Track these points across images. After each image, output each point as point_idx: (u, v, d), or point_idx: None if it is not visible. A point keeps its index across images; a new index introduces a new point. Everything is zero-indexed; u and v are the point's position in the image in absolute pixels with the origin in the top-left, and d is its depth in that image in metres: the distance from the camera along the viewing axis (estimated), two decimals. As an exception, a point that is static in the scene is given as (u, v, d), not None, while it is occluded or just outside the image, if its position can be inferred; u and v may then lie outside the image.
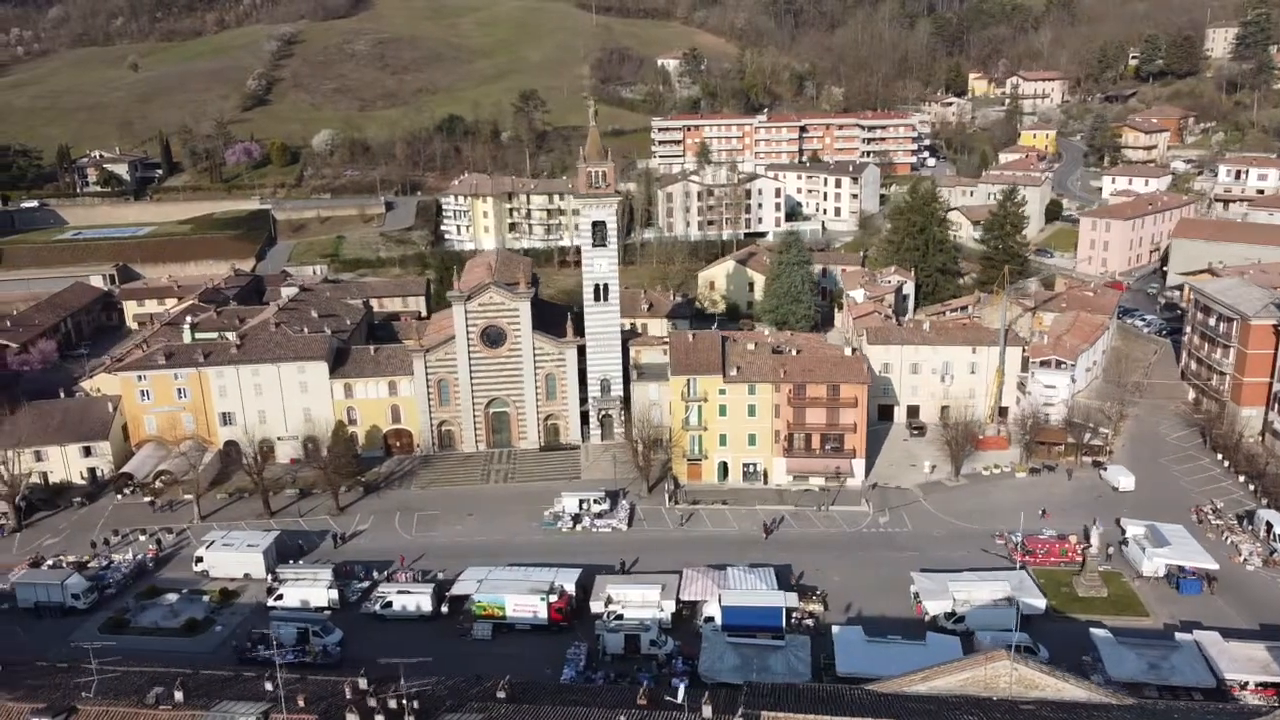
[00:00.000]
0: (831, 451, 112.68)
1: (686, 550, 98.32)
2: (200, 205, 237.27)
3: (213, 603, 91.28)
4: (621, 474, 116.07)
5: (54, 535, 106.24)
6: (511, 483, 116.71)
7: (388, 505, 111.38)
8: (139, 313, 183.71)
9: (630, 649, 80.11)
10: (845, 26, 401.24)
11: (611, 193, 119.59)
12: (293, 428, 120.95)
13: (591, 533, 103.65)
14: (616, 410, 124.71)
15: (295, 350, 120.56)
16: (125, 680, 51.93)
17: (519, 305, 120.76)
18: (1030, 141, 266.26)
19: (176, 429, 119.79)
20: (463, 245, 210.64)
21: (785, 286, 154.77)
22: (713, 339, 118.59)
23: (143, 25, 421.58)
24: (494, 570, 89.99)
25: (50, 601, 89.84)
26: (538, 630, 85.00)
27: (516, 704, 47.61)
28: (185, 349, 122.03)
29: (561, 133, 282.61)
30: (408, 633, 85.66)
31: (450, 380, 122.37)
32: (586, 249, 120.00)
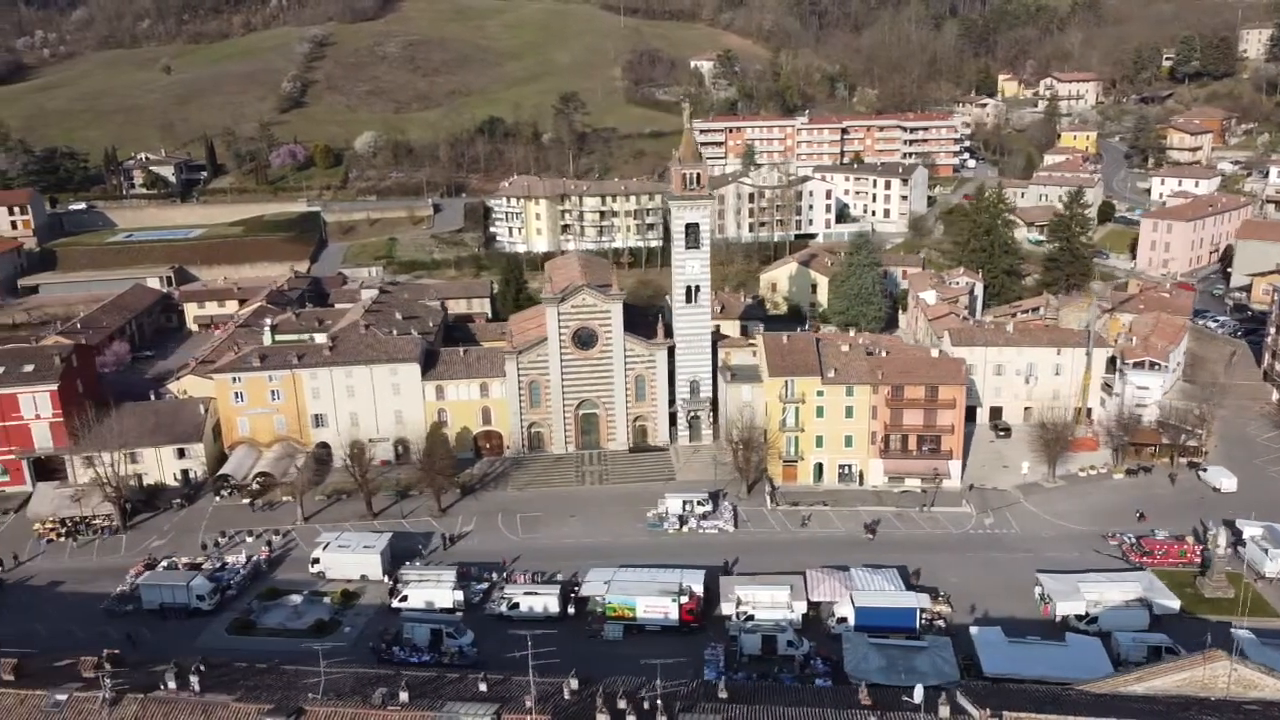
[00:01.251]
0: (929, 453, 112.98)
1: (794, 551, 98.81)
2: (247, 207, 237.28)
3: (334, 604, 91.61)
4: (716, 475, 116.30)
5: (160, 537, 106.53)
6: (607, 484, 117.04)
7: (487, 507, 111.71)
8: (199, 315, 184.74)
9: (767, 650, 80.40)
10: (872, 28, 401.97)
11: (706, 194, 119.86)
12: (384, 429, 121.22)
13: (698, 534, 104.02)
14: (705, 412, 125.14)
15: (388, 352, 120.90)
16: (341, 681, 52.23)
17: (611, 307, 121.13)
18: (1070, 143, 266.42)
19: (269, 431, 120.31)
20: (514, 247, 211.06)
21: (856, 288, 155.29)
22: (806, 340, 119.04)
23: (169, 27, 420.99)
24: (619, 572, 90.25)
25: (175, 603, 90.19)
26: (667, 631, 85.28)
27: (744, 704, 47.92)
28: (279, 351, 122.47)
29: (600, 134, 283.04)
30: (537, 634, 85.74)
31: (542, 382, 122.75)
32: (678, 251, 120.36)
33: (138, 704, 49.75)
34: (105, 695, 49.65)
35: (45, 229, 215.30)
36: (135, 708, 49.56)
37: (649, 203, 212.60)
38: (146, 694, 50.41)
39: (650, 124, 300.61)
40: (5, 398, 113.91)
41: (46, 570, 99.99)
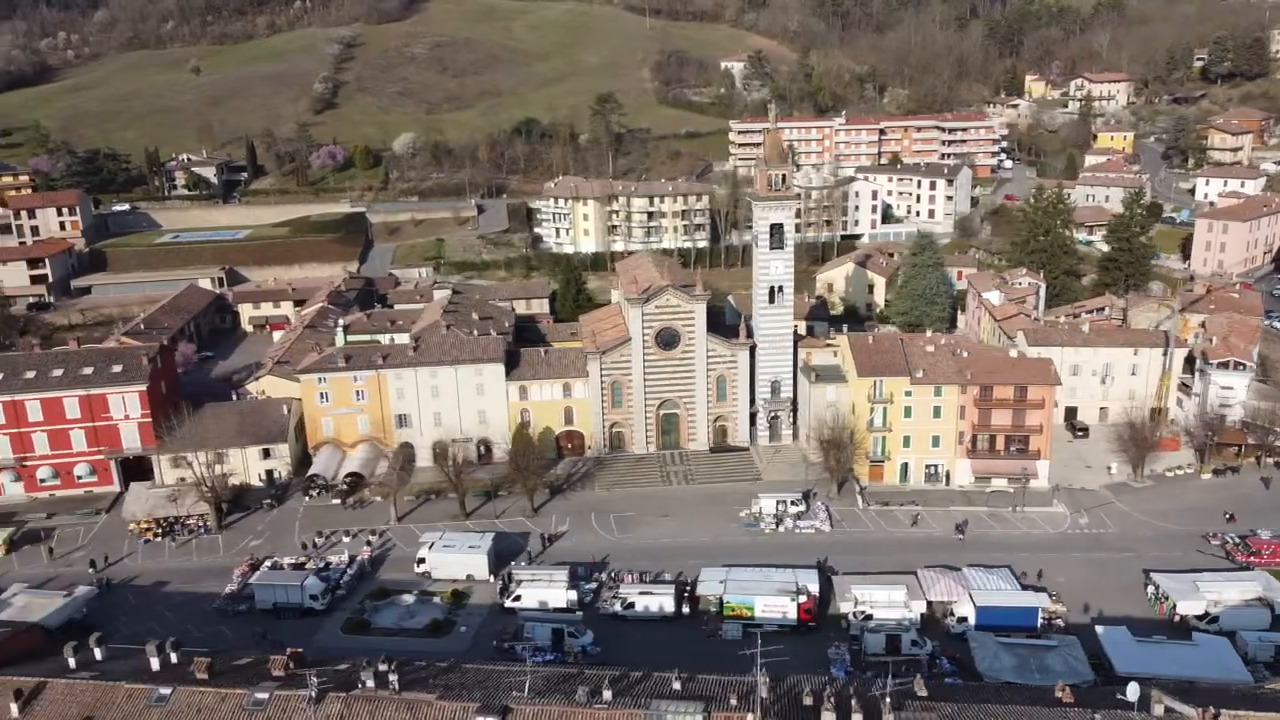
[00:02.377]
0: (1017, 453, 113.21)
1: (892, 551, 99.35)
2: (290, 208, 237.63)
3: (445, 603, 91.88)
4: (801, 475, 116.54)
5: (255, 537, 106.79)
6: (693, 484, 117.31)
7: (577, 507, 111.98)
8: (255, 315, 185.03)
9: (891, 649, 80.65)
10: (898, 29, 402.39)
11: (791, 195, 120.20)
12: (467, 430, 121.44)
13: (794, 534, 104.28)
14: (786, 412, 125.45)
15: (472, 352, 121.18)
16: (541, 680, 52.40)
17: (695, 308, 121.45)
18: (1107, 143, 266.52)
19: (353, 431, 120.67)
20: (562, 248, 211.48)
21: (920, 288, 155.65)
22: (891, 340, 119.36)
23: (194, 29, 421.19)
24: (731, 571, 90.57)
25: (289, 602, 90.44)
26: (784, 630, 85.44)
27: (949, 702, 48.20)
28: (363, 351, 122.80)
29: (635, 135, 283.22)
30: (652, 633, 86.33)
31: (624, 382, 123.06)
32: (761, 251, 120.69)
33: (341, 702, 50.01)
34: (311, 694, 49.91)
35: (92, 230, 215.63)
36: (339, 706, 49.81)
37: (696, 203, 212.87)
38: (348, 692, 50.71)
39: (684, 125, 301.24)
40: (96, 398, 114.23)
41: (150, 570, 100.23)
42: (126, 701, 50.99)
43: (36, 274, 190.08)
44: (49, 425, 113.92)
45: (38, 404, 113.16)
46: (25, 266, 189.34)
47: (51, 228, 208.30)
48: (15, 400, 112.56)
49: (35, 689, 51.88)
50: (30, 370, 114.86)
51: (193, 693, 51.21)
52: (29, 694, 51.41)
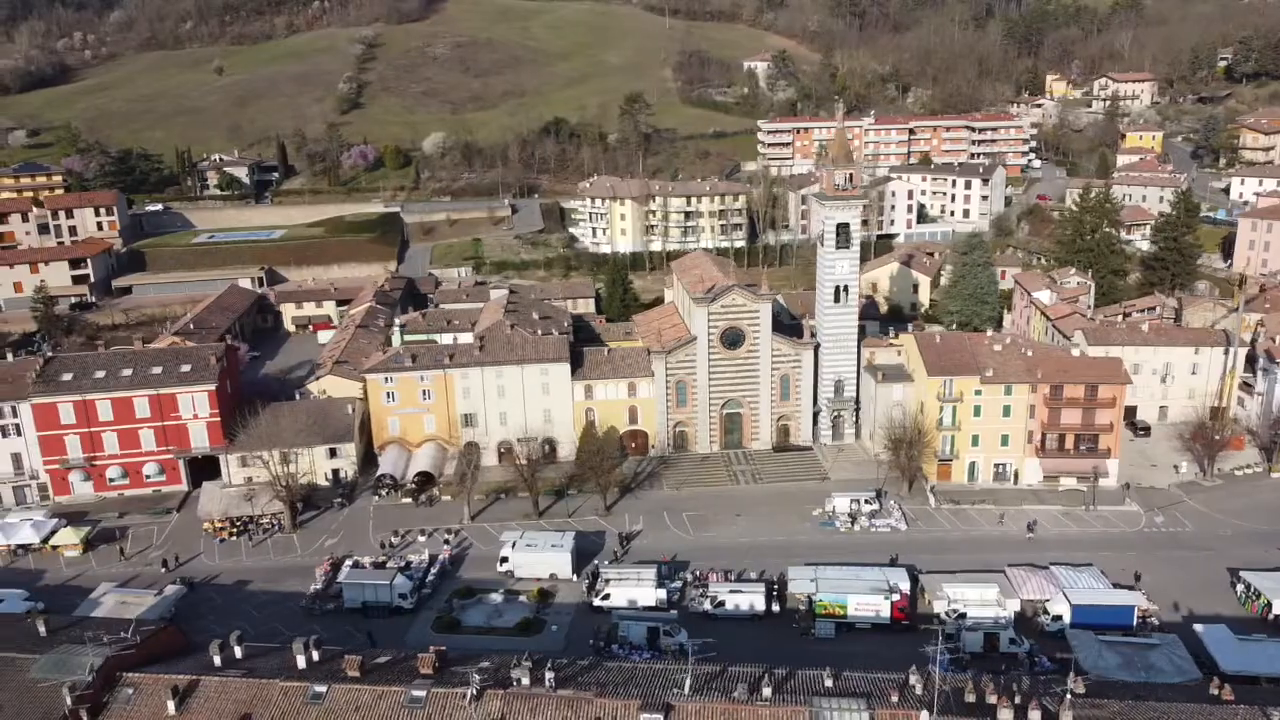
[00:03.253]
0: (1086, 452, 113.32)
1: (969, 549, 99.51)
2: (323, 208, 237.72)
3: (532, 602, 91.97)
4: (867, 474, 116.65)
5: (330, 536, 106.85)
6: (761, 484, 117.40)
7: (648, 506, 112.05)
8: (297, 315, 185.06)
9: (988, 647, 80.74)
10: (916, 29, 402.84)
11: (858, 195, 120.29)
12: (532, 429, 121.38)
13: (870, 532, 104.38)
14: (849, 411, 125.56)
15: (538, 352, 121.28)
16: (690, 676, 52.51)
17: (760, 307, 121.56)
18: (1136, 143, 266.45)
19: (419, 431, 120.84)
20: (598, 248, 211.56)
21: (971, 287, 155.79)
22: (959, 339, 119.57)
23: (213, 29, 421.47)
24: (820, 570, 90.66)
25: (378, 601, 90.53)
26: (877, 629, 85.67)
27: (1112, 699, 48.39)
28: (429, 351, 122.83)
29: (663, 135, 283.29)
30: (743, 631, 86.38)
31: (689, 382, 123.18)
32: (827, 251, 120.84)
33: (500, 699, 50.10)
34: (473, 691, 49.98)
35: (128, 230, 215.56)
36: (499, 703, 49.90)
37: (734, 203, 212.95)
38: (505, 690, 50.80)
39: (709, 125, 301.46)
40: (165, 398, 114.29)
41: (229, 569, 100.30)
42: (282, 699, 51.09)
43: (78, 274, 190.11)
44: (119, 425, 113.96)
45: (108, 404, 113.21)
46: (67, 267, 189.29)
47: (89, 228, 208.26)
48: (86, 400, 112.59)
49: (188, 687, 51.98)
50: (100, 370, 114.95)
51: (348, 690, 51.28)
52: (183, 691, 51.49)
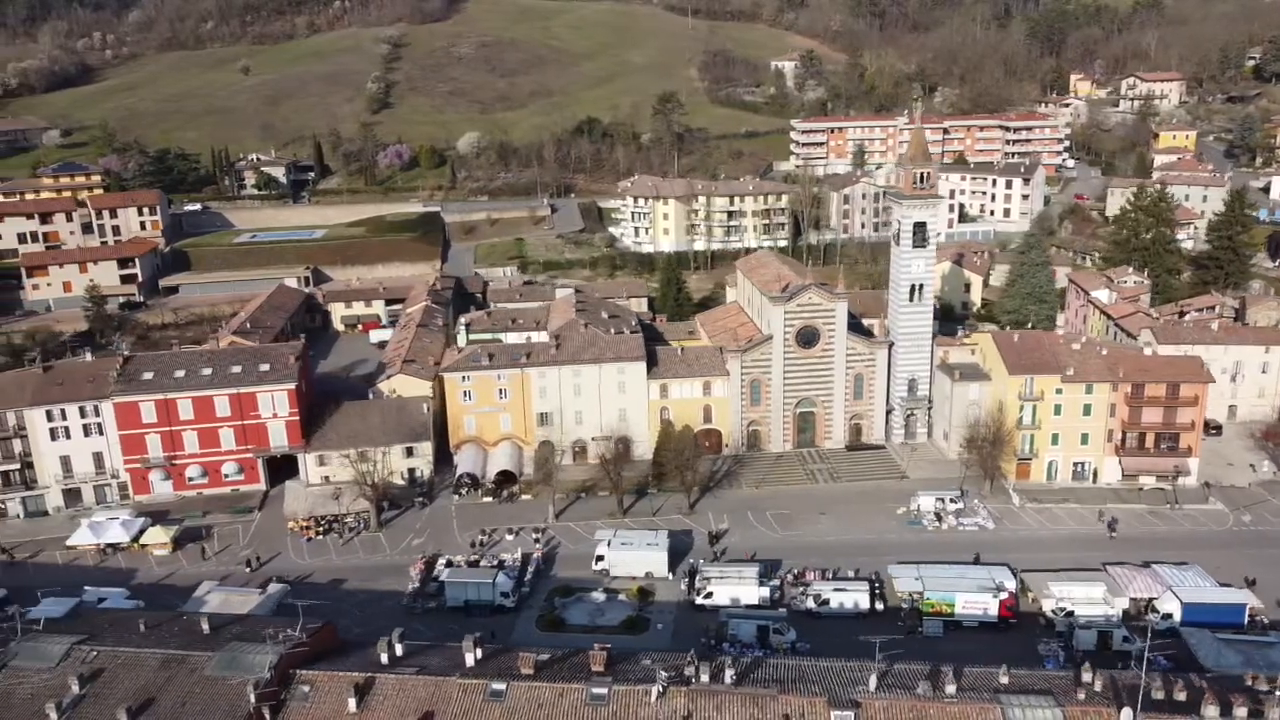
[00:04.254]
0: (1167, 451, 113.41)
1: (1059, 548, 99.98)
2: (361, 208, 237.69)
3: (632, 600, 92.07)
4: (944, 473, 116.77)
5: (416, 535, 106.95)
6: (839, 482, 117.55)
7: (730, 504, 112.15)
8: (346, 315, 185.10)
9: (1102, 645, 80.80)
10: (937, 29, 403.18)
11: (935, 194, 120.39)
12: (607, 428, 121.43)
13: (958, 531, 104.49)
14: (923, 410, 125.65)
15: (614, 351, 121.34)
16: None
17: (836, 306, 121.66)
18: (1169, 142, 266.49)
19: (495, 429, 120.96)
20: (640, 247, 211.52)
21: (1029, 287, 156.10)
22: (1037, 338, 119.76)
23: (234, 29, 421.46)
24: (922, 568, 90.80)
25: (480, 600, 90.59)
26: (984, 627, 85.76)
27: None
28: (506, 349, 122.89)
29: (694, 134, 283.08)
30: (849, 629, 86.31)
31: (763, 380, 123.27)
32: (903, 250, 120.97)
33: (684, 696, 50.16)
34: (660, 688, 50.03)
35: (169, 230, 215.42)
36: (683, 701, 49.96)
37: (776, 202, 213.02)
38: (687, 686, 50.89)
39: (737, 125, 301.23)
40: (245, 396, 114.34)
41: (321, 568, 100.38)
42: (462, 696, 51.14)
43: (126, 274, 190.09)
44: (199, 424, 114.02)
45: (189, 402, 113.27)
46: (116, 266, 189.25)
47: (132, 227, 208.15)
48: (167, 399, 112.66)
49: (365, 684, 52.05)
50: (180, 369, 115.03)
51: (528, 688, 51.33)
52: (360, 689, 51.55)
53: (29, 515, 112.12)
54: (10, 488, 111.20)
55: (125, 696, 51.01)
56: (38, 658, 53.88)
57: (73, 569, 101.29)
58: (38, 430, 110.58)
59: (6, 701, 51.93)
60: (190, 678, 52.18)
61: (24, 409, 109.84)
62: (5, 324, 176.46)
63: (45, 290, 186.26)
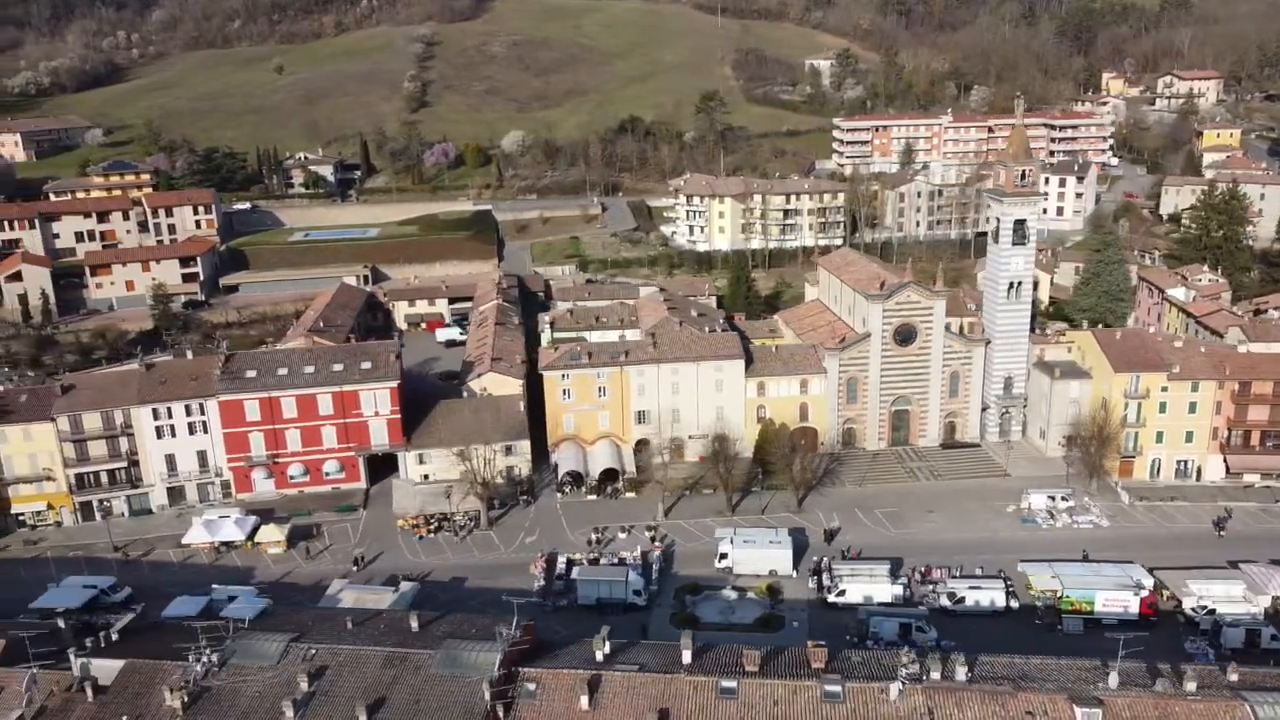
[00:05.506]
0: (1274, 448, 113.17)
1: (1177, 546, 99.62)
2: (409, 207, 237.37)
3: (761, 598, 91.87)
4: (1044, 471, 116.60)
5: (527, 533, 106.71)
6: (941, 480, 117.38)
7: (836, 502, 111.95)
8: (410, 313, 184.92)
9: (1249, 643, 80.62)
10: (964, 28, 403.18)
11: (1036, 192, 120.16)
12: (703, 426, 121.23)
13: (1073, 528, 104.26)
14: (1018, 408, 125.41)
15: (712, 349, 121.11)
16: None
17: (934, 304, 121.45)
18: (1214, 140, 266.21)
19: (593, 428, 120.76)
20: (695, 246, 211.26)
21: (1106, 285, 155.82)
22: (1139, 336, 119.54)
23: (261, 28, 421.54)
24: (1055, 566, 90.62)
25: (613, 598, 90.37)
26: (1123, 625, 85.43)
27: None
28: (605, 348, 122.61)
29: (736, 133, 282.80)
30: (987, 627, 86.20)
31: (860, 379, 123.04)
32: (1001, 247, 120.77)
33: (921, 694, 49.91)
34: (901, 685, 49.82)
35: (222, 228, 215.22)
36: (921, 698, 49.72)
37: (832, 201, 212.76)
38: (921, 683, 50.68)
39: (775, 123, 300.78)
40: (348, 395, 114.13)
41: (439, 567, 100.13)
42: (693, 693, 50.89)
43: (188, 272, 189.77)
44: (302, 422, 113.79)
45: (292, 400, 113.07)
46: (178, 265, 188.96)
47: (188, 226, 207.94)
48: (271, 397, 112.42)
49: (593, 682, 51.83)
50: (282, 367, 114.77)
51: (759, 685, 51.10)
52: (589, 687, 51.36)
53: (133, 514, 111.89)
54: (116, 486, 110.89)
55: (355, 694, 50.75)
56: (256, 655, 53.66)
57: (189, 567, 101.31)
58: (144, 428, 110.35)
59: (233, 699, 51.68)
60: (416, 675, 51.91)
61: (131, 407, 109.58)
62: (72, 323, 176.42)
63: (108, 289, 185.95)
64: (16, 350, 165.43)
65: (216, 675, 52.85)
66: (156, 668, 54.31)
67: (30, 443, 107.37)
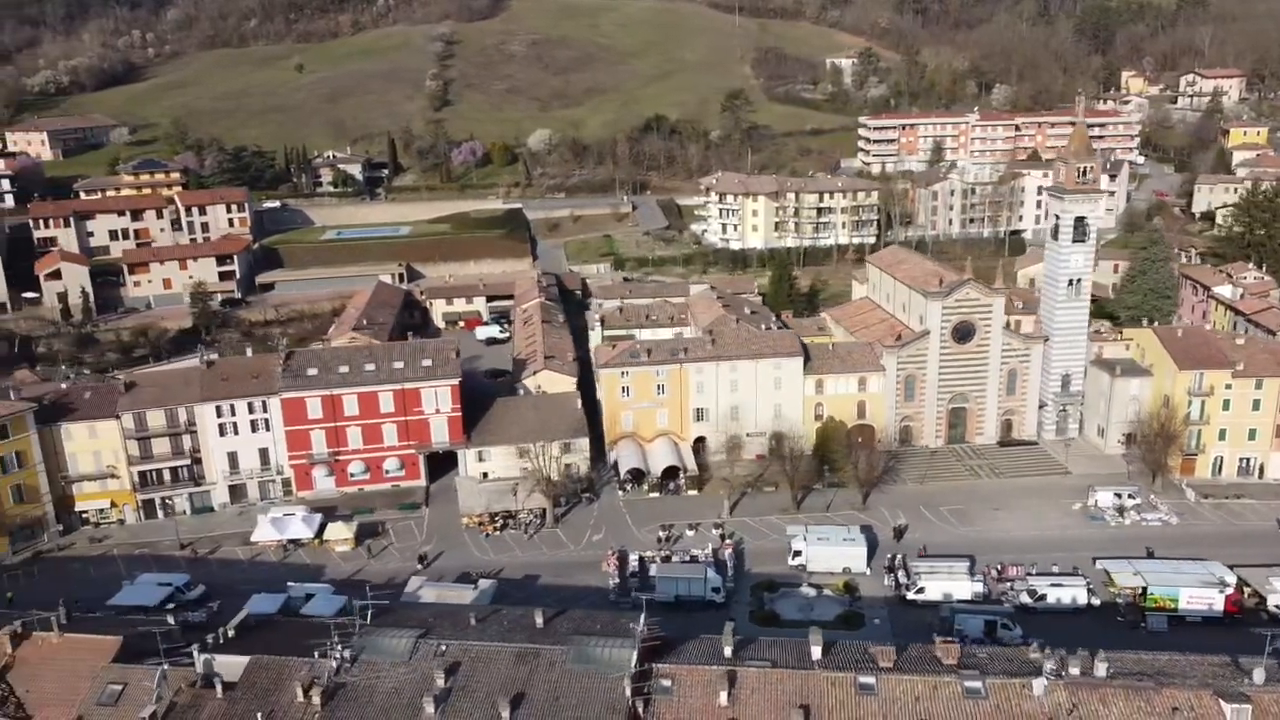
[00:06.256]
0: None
1: (1249, 543, 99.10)
2: (438, 205, 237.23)
3: (839, 595, 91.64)
4: (1104, 469, 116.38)
5: (594, 531, 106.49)
6: (1002, 478, 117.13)
7: (898, 500, 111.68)
8: (448, 311, 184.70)
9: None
10: (985, 25, 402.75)
11: (1097, 189, 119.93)
12: (761, 424, 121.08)
13: (1141, 526, 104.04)
14: (1075, 406, 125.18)
15: (771, 346, 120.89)
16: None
17: (994, 301, 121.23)
18: (1241, 139, 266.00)
19: (651, 425, 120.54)
20: (728, 244, 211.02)
21: (1152, 282, 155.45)
22: (1201, 333, 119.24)
23: (277, 27, 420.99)
24: (1136, 563, 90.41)
25: (691, 595, 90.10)
26: (1207, 622, 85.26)
27: None
28: (663, 345, 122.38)
29: (761, 132, 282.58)
30: (1069, 625, 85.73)
31: (918, 376, 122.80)
32: (1062, 244, 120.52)
33: (1064, 690, 49.67)
34: (1045, 680, 49.58)
35: (254, 227, 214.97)
36: (1064, 694, 49.47)
37: (866, 199, 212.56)
38: (1060, 679, 50.46)
39: (798, 122, 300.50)
40: (409, 392, 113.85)
41: (509, 564, 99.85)
42: (832, 690, 50.63)
43: (224, 270, 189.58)
44: (363, 420, 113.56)
45: (354, 398, 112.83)
46: (214, 263, 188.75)
47: (221, 224, 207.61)
48: (333, 395, 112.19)
49: (729, 677, 51.60)
50: (344, 364, 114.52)
51: (897, 681, 50.89)
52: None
53: (195, 512, 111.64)
54: (178, 483, 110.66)
55: (494, 689, 50.46)
56: (386, 652, 53.36)
57: (258, 565, 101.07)
58: (207, 426, 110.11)
59: (370, 695, 51.40)
60: (550, 671, 51.64)
61: (195, 405, 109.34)
62: (111, 321, 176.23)
63: (145, 287, 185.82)
64: (58, 348, 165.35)
65: (349, 671, 52.61)
66: (283, 664, 54.06)
67: (95, 440, 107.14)
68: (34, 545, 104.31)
